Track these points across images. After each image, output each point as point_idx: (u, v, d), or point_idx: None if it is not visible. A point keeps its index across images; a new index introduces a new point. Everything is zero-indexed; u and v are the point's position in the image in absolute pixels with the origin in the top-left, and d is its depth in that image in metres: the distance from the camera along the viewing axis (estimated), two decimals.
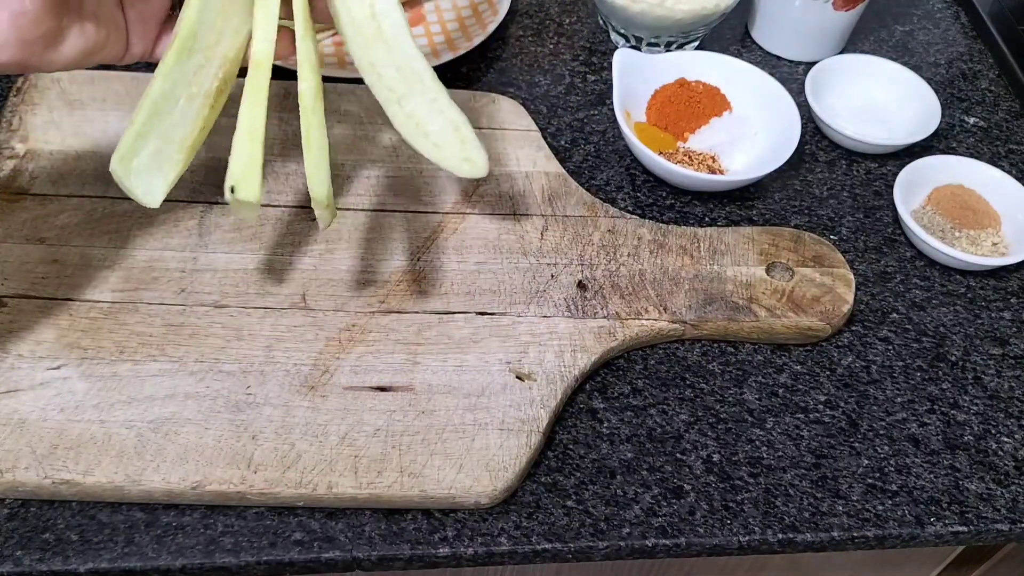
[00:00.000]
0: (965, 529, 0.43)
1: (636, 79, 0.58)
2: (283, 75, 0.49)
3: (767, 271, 0.50)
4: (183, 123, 0.39)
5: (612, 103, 0.57)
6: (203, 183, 0.50)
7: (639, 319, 0.47)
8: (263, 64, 0.39)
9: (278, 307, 0.46)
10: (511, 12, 0.67)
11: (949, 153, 0.61)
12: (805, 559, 0.57)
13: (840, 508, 0.43)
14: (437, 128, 0.42)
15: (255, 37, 0.39)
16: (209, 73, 0.39)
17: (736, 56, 0.60)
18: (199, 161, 0.50)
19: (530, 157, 0.54)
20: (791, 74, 0.66)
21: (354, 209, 0.50)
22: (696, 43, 0.65)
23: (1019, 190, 0.55)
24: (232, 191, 0.38)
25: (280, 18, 0.40)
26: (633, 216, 0.52)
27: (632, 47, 0.65)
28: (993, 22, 0.69)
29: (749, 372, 0.48)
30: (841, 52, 0.67)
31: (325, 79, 0.42)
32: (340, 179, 0.51)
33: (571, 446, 0.44)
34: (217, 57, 0.39)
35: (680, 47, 0.65)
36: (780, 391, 0.47)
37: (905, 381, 0.48)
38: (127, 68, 0.54)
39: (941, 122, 0.60)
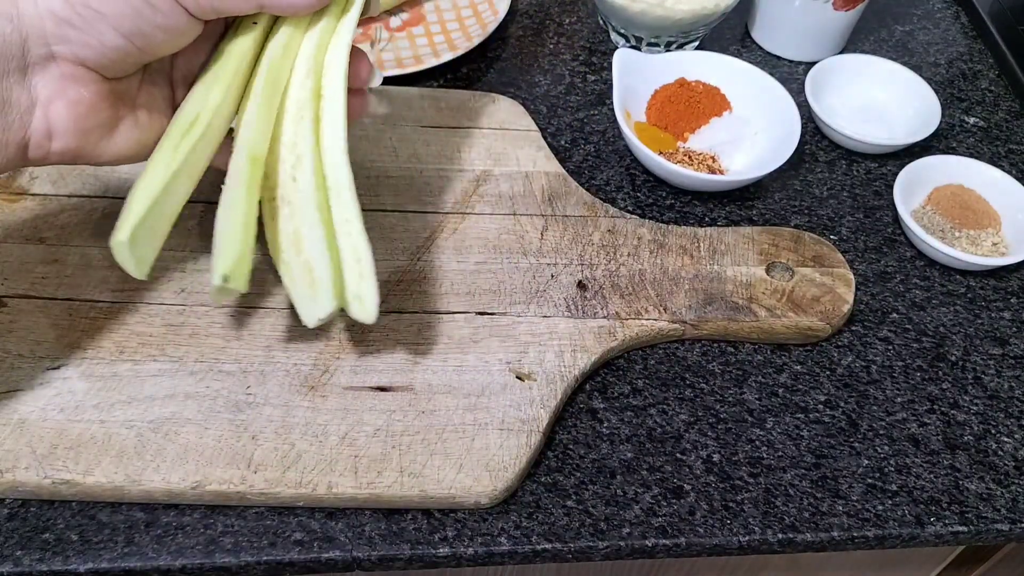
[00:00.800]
0: (965, 529, 0.43)
1: (636, 79, 0.58)
2: None
3: (767, 271, 0.50)
4: (178, 199, 0.39)
5: (612, 103, 0.57)
6: (203, 183, 0.50)
7: (639, 319, 0.47)
8: (260, 160, 0.40)
9: (278, 307, 0.46)
10: (511, 12, 0.67)
11: (949, 153, 0.61)
12: (805, 559, 0.57)
13: (840, 508, 0.43)
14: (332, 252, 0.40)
15: (256, 130, 0.40)
16: (206, 154, 0.40)
17: (736, 56, 0.60)
18: None
19: (530, 157, 0.54)
20: (791, 74, 0.66)
21: None
22: (696, 43, 0.65)
23: (1019, 190, 0.55)
24: (225, 280, 0.38)
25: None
26: (633, 216, 0.52)
27: (632, 47, 0.65)
28: (993, 22, 0.69)
29: (749, 372, 0.48)
30: (841, 52, 0.67)
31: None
32: None
33: (571, 446, 0.44)
34: (215, 140, 0.40)
35: (680, 47, 0.65)
36: (780, 391, 0.47)
37: (905, 381, 0.48)
38: None
39: (941, 122, 0.60)
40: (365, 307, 0.40)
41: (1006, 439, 0.46)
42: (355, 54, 0.42)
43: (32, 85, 0.35)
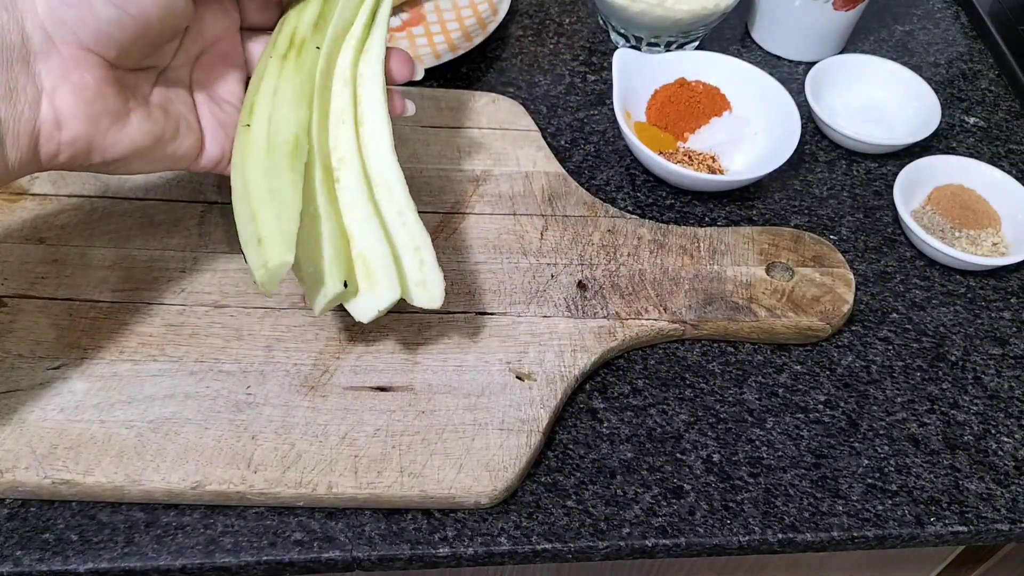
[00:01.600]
0: (965, 529, 0.43)
1: (636, 79, 0.58)
2: None
3: (767, 271, 0.50)
4: None
5: (612, 103, 0.57)
6: (203, 183, 0.50)
7: (639, 319, 0.47)
8: (330, 168, 0.41)
9: (278, 307, 0.46)
10: (511, 12, 0.67)
11: (949, 153, 0.61)
12: (805, 559, 0.57)
13: (840, 508, 0.43)
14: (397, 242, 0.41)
15: (320, 142, 0.41)
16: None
17: (736, 56, 0.60)
18: None
19: (530, 157, 0.54)
20: (791, 74, 0.66)
21: None
22: (696, 43, 0.65)
23: (1019, 190, 0.55)
24: (346, 284, 0.39)
25: None
26: (633, 216, 0.52)
27: (632, 47, 0.65)
28: (993, 22, 0.69)
29: (749, 372, 0.48)
30: (841, 52, 0.67)
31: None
32: None
33: (571, 446, 0.44)
34: None
35: (680, 47, 0.65)
36: (780, 391, 0.47)
37: (905, 381, 0.48)
38: None
39: (941, 122, 0.60)
40: (430, 292, 0.40)
41: (1006, 439, 0.46)
42: (395, 54, 0.43)
43: (36, 74, 0.35)
